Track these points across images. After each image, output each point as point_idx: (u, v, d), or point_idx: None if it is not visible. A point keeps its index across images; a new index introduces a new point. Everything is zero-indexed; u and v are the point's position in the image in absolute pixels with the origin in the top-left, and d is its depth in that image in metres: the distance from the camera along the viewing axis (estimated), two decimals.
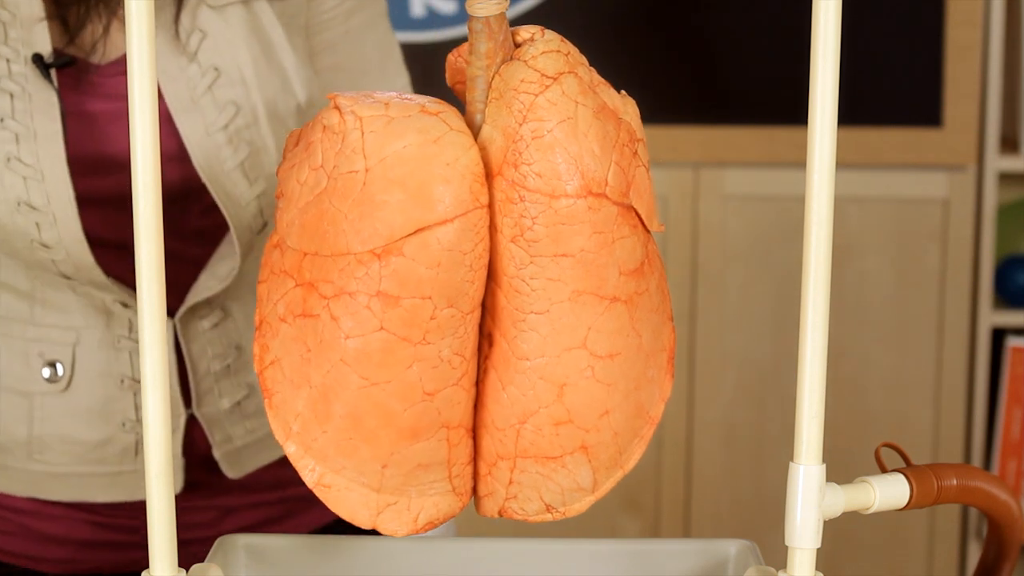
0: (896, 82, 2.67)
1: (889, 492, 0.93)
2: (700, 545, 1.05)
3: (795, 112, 2.65)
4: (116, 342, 1.24)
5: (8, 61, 1.17)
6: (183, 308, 1.24)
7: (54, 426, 1.25)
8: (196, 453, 1.28)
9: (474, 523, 2.52)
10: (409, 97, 0.88)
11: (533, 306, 0.87)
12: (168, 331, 1.21)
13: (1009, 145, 2.77)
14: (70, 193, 1.16)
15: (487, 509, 0.94)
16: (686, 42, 2.69)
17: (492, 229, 0.87)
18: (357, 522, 0.91)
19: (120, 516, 1.29)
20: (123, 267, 1.22)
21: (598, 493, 0.93)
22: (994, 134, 2.66)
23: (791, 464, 0.87)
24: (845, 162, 2.56)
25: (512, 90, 0.86)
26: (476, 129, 0.89)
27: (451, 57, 0.93)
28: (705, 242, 2.69)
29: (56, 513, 1.29)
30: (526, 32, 0.88)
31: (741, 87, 2.69)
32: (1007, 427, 2.75)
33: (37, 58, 1.16)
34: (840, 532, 2.73)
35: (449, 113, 0.87)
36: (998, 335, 2.79)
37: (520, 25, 0.90)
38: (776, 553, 0.96)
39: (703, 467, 2.75)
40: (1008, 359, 2.74)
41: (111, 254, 1.21)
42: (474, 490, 0.95)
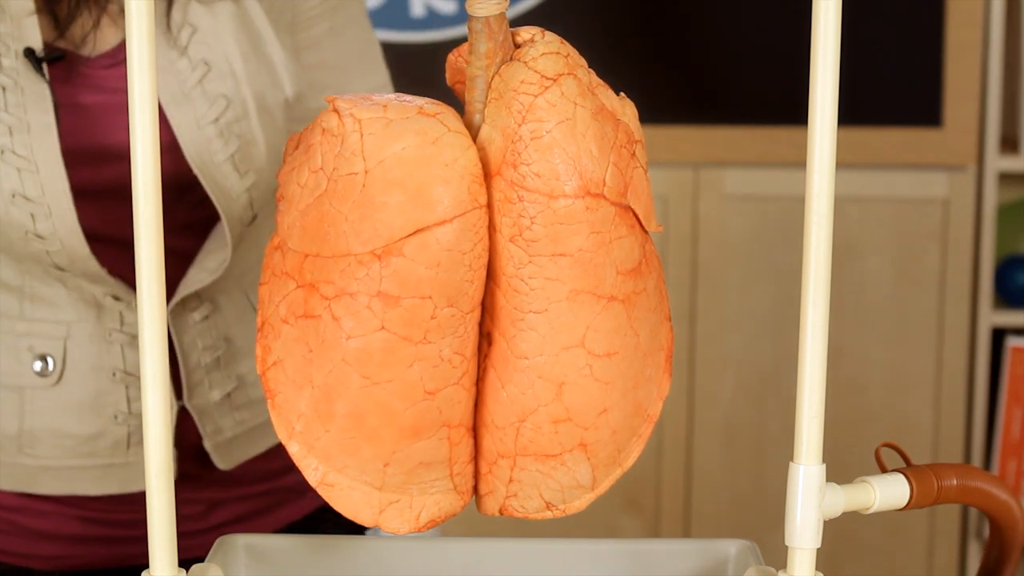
0: (896, 82, 2.67)
1: (889, 492, 0.93)
2: (700, 545, 1.05)
3: (795, 112, 2.65)
4: (107, 335, 1.25)
5: None
6: (174, 301, 1.24)
7: (45, 420, 1.26)
8: (187, 445, 1.29)
9: (474, 523, 2.52)
10: (407, 99, 0.88)
11: (532, 305, 0.87)
12: None
13: (1009, 145, 2.77)
14: (65, 184, 1.17)
15: (488, 507, 0.94)
16: (686, 42, 2.69)
17: (491, 229, 0.87)
18: (360, 520, 0.92)
19: (110, 511, 1.30)
20: (117, 258, 1.23)
21: (597, 491, 0.93)
22: (994, 134, 2.66)
23: (791, 464, 0.87)
24: (845, 162, 2.56)
25: (512, 91, 0.86)
26: (475, 129, 0.89)
27: (451, 57, 0.93)
28: (705, 242, 2.69)
29: (45, 509, 1.29)
30: (526, 33, 0.89)
31: (741, 87, 2.69)
32: (1007, 427, 2.75)
33: (29, 52, 1.17)
34: (840, 532, 2.73)
35: (447, 114, 0.87)
36: (998, 335, 2.79)
37: (519, 26, 0.90)
38: (776, 553, 0.96)
39: (703, 467, 2.75)
40: (1008, 359, 2.74)
41: (105, 245, 1.22)
42: (475, 489, 0.95)
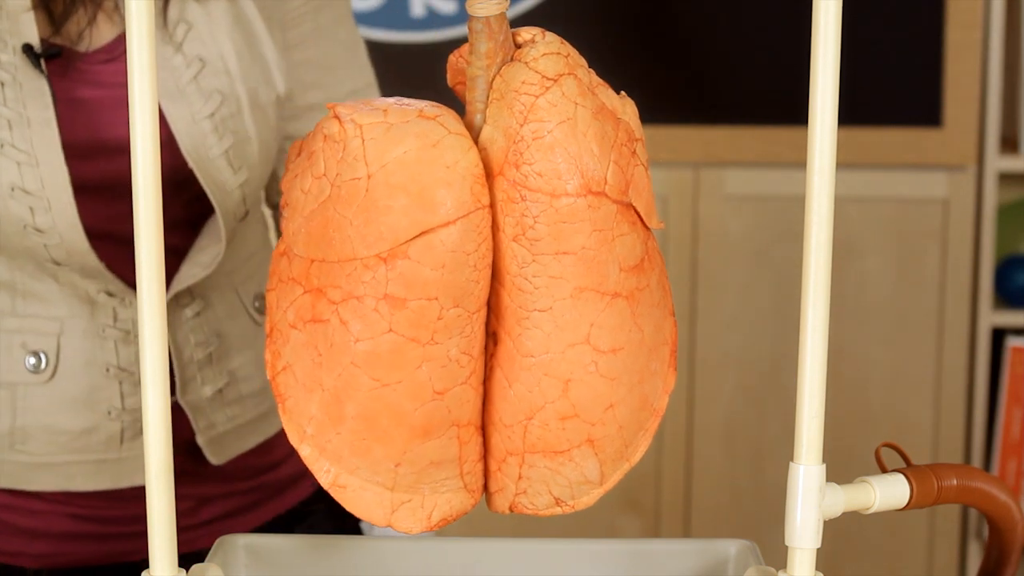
0: (896, 82, 2.67)
1: (889, 492, 0.94)
2: (700, 545, 1.05)
3: (795, 112, 2.65)
4: (101, 331, 1.26)
5: None
6: (167, 297, 1.25)
7: (37, 416, 1.26)
8: (179, 441, 1.29)
9: (474, 522, 2.52)
10: (407, 102, 0.88)
11: (536, 304, 0.88)
12: None
13: (1009, 145, 2.77)
14: (65, 178, 1.18)
15: (498, 505, 0.95)
16: (686, 42, 2.69)
17: (494, 228, 0.88)
18: (373, 521, 0.92)
19: (102, 507, 1.30)
20: (113, 253, 1.23)
21: (606, 486, 0.94)
22: (994, 134, 2.66)
23: (791, 464, 0.87)
24: (845, 162, 2.56)
25: (513, 91, 0.87)
26: (476, 129, 0.89)
27: (452, 58, 0.93)
28: (705, 242, 2.69)
29: (35, 507, 1.29)
30: (527, 33, 0.89)
31: (741, 87, 2.69)
32: (1007, 427, 2.75)
33: (27, 48, 1.18)
34: (840, 532, 2.73)
35: (447, 116, 0.87)
36: (998, 335, 2.79)
37: (520, 26, 0.90)
38: (776, 553, 0.96)
39: (703, 467, 2.75)
40: (1008, 359, 2.74)
41: (102, 240, 1.22)
42: (485, 487, 0.96)
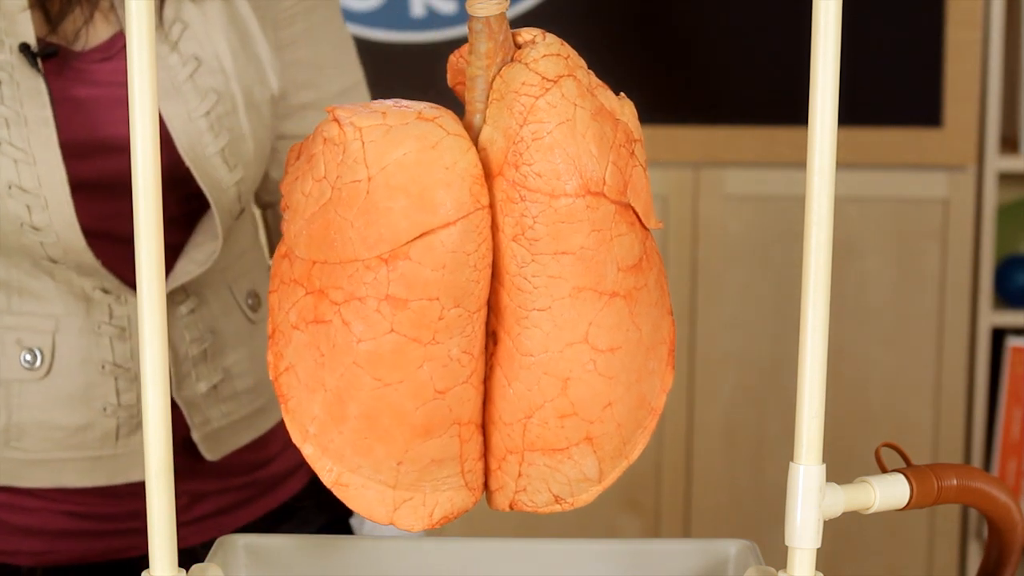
0: (896, 82, 2.67)
1: (889, 492, 0.94)
2: (700, 545, 1.05)
3: (795, 112, 2.65)
4: (96, 328, 1.26)
5: None
6: None
7: (33, 413, 1.26)
8: (175, 437, 1.30)
9: (474, 522, 2.52)
10: (406, 104, 0.89)
11: (535, 303, 0.88)
12: None
13: (1009, 145, 2.77)
14: (63, 176, 1.19)
15: (498, 503, 0.95)
16: (686, 42, 2.69)
17: (494, 229, 0.88)
18: (374, 519, 0.93)
19: (96, 504, 1.30)
20: (110, 251, 1.24)
21: (605, 483, 0.94)
22: (994, 134, 2.66)
23: (791, 464, 0.87)
24: (845, 162, 2.56)
25: (513, 92, 0.87)
26: (476, 129, 0.90)
27: (453, 58, 0.94)
28: (705, 242, 2.69)
29: (30, 504, 1.29)
30: (527, 34, 0.90)
31: (741, 87, 2.69)
32: (1007, 427, 2.75)
33: (24, 47, 1.19)
34: (840, 532, 2.73)
35: (446, 117, 0.88)
36: (998, 335, 2.79)
37: (520, 26, 0.90)
38: (776, 553, 0.96)
39: (703, 467, 2.75)
40: (1008, 359, 2.74)
41: (98, 238, 1.23)
42: (485, 485, 0.96)
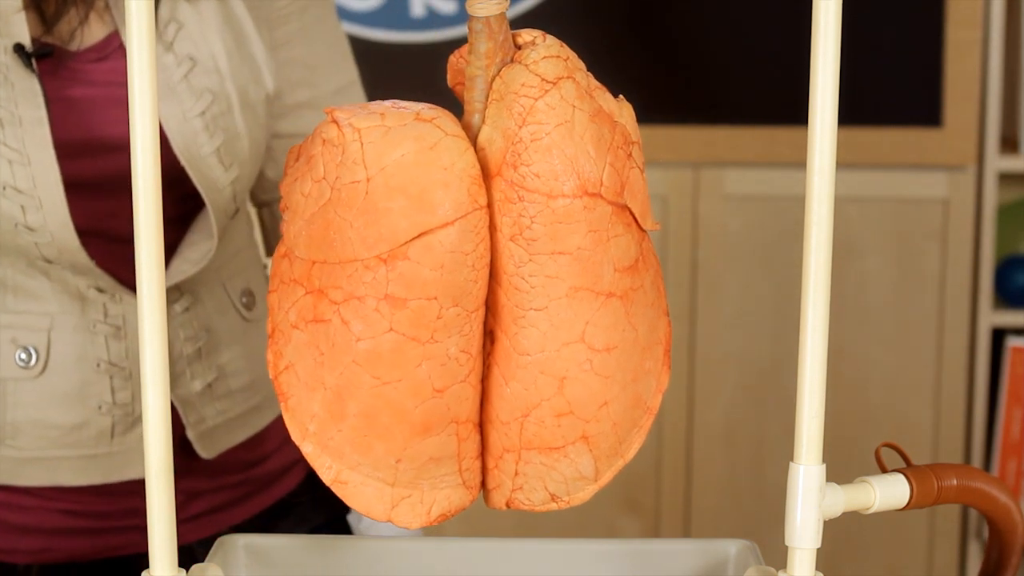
0: (896, 82, 2.67)
1: (889, 492, 0.94)
2: (700, 545, 1.05)
3: (795, 112, 2.65)
4: (91, 326, 1.26)
5: None
6: None
7: (28, 411, 1.26)
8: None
9: (474, 522, 2.52)
10: (404, 105, 0.90)
11: (532, 303, 0.89)
12: None
13: (1009, 145, 2.77)
14: (57, 177, 1.19)
15: (495, 501, 0.96)
16: (687, 42, 2.69)
17: (492, 228, 0.89)
18: (373, 516, 0.93)
19: (92, 502, 1.30)
20: (104, 250, 1.24)
21: (600, 482, 0.95)
22: (994, 134, 2.66)
23: (791, 464, 0.87)
24: (845, 162, 2.56)
25: (513, 93, 0.88)
26: (474, 128, 0.90)
27: (453, 58, 0.94)
28: (705, 242, 2.69)
29: (25, 503, 1.29)
30: (528, 35, 0.90)
31: (741, 87, 2.69)
32: (1007, 427, 2.75)
33: (19, 48, 1.19)
34: (840, 532, 2.73)
35: (444, 118, 0.88)
36: (998, 335, 2.79)
37: (519, 26, 0.90)
38: (776, 553, 0.96)
39: (703, 467, 2.75)
40: (1008, 359, 2.74)
41: (92, 237, 1.23)
42: (482, 483, 0.97)
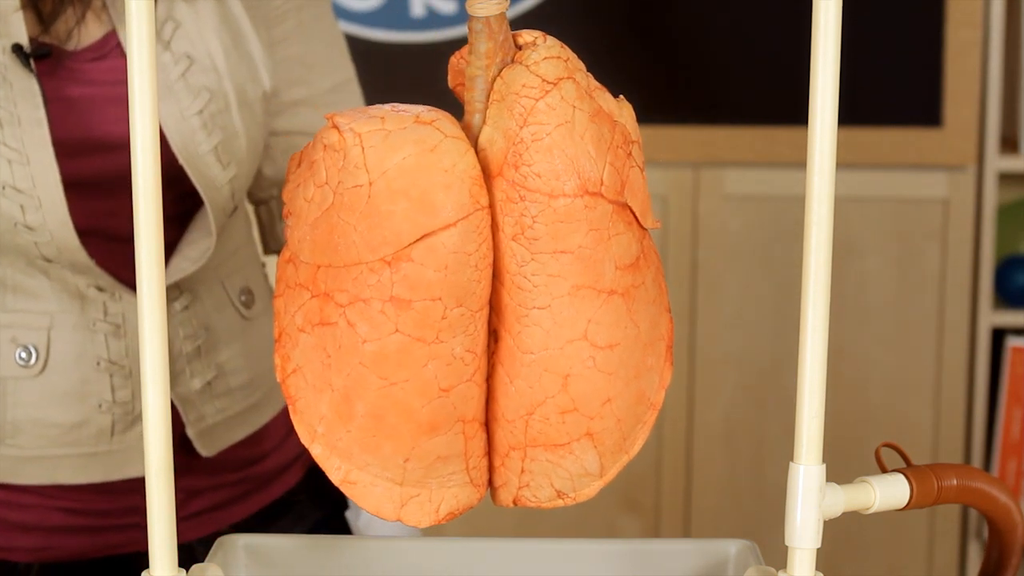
0: (896, 82, 2.67)
1: (889, 492, 0.94)
2: (700, 545, 1.05)
3: (795, 112, 2.65)
4: (91, 325, 1.26)
5: None
6: None
7: (28, 410, 1.26)
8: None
9: (474, 521, 2.52)
10: (403, 108, 0.90)
11: (535, 301, 0.89)
12: None
13: (1009, 145, 2.77)
14: (56, 176, 1.19)
15: (502, 499, 0.97)
16: (686, 42, 2.69)
17: (494, 228, 0.89)
18: (382, 515, 0.94)
19: (92, 500, 1.30)
20: (103, 249, 1.24)
21: (606, 478, 0.95)
22: (994, 134, 2.66)
23: (791, 464, 0.87)
24: (845, 162, 2.56)
25: (514, 94, 0.88)
26: (475, 128, 0.91)
27: (454, 59, 0.94)
28: (705, 242, 2.69)
29: (26, 501, 1.29)
30: (528, 36, 0.91)
31: (741, 87, 2.69)
32: (1007, 427, 2.75)
33: (17, 48, 1.19)
34: (840, 532, 2.73)
35: (443, 120, 0.89)
36: (998, 335, 2.79)
37: (519, 26, 0.90)
38: (776, 553, 0.96)
39: (703, 467, 2.75)
40: (1008, 359, 2.74)
41: (91, 236, 1.23)
42: (489, 481, 0.97)
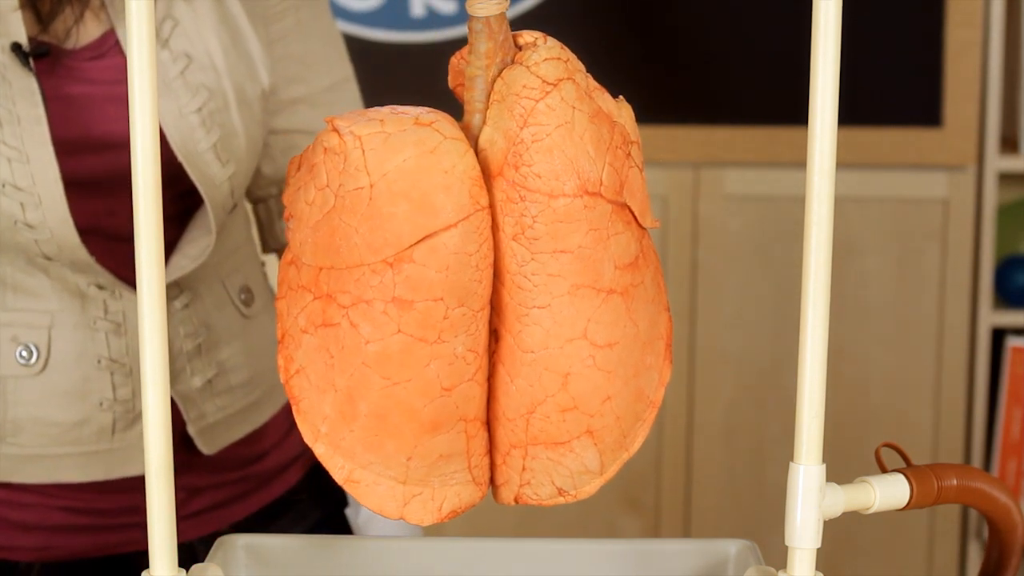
0: (896, 82, 2.67)
1: (889, 492, 0.94)
2: (700, 545, 1.05)
3: (795, 112, 2.65)
4: (92, 323, 1.27)
5: None
6: None
7: (28, 409, 1.27)
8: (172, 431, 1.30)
9: (474, 521, 2.52)
10: (402, 110, 0.91)
11: (535, 301, 0.90)
12: None
13: (1009, 145, 2.77)
14: (56, 174, 1.19)
15: (504, 497, 0.97)
16: (686, 42, 2.69)
17: (494, 228, 0.90)
18: (385, 514, 0.94)
19: (93, 499, 1.31)
20: (104, 247, 1.24)
21: (606, 475, 0.96)
22: (994, 134, 2.66)
23: (791, 464, 0.87)
24: (845, 162, 2.56)
25: (514, 95, 0.89)
26: (475, 128, 0.91)
27: (454, 60, 0.95)
28: (705, 242, 2.69)
29: (27, 500, 1.30)
30: (529, 36, 0.91)
31: (741, 87, 2.69)
32: (1007, 427, 2.75)
33: (16, 47, 1.19)
34: (840, 532, 2.73)
35: (442, 122, 0.89)
36: (998, 335, 2.79)
37: (519, 26, 0.91)
38: (776, 553, 0.97)
39: (703, 467, 2.75)
40: (1008, 359, 2.74)
41: (91, 234, 1.23)
42: (491, 480, 0.98)
